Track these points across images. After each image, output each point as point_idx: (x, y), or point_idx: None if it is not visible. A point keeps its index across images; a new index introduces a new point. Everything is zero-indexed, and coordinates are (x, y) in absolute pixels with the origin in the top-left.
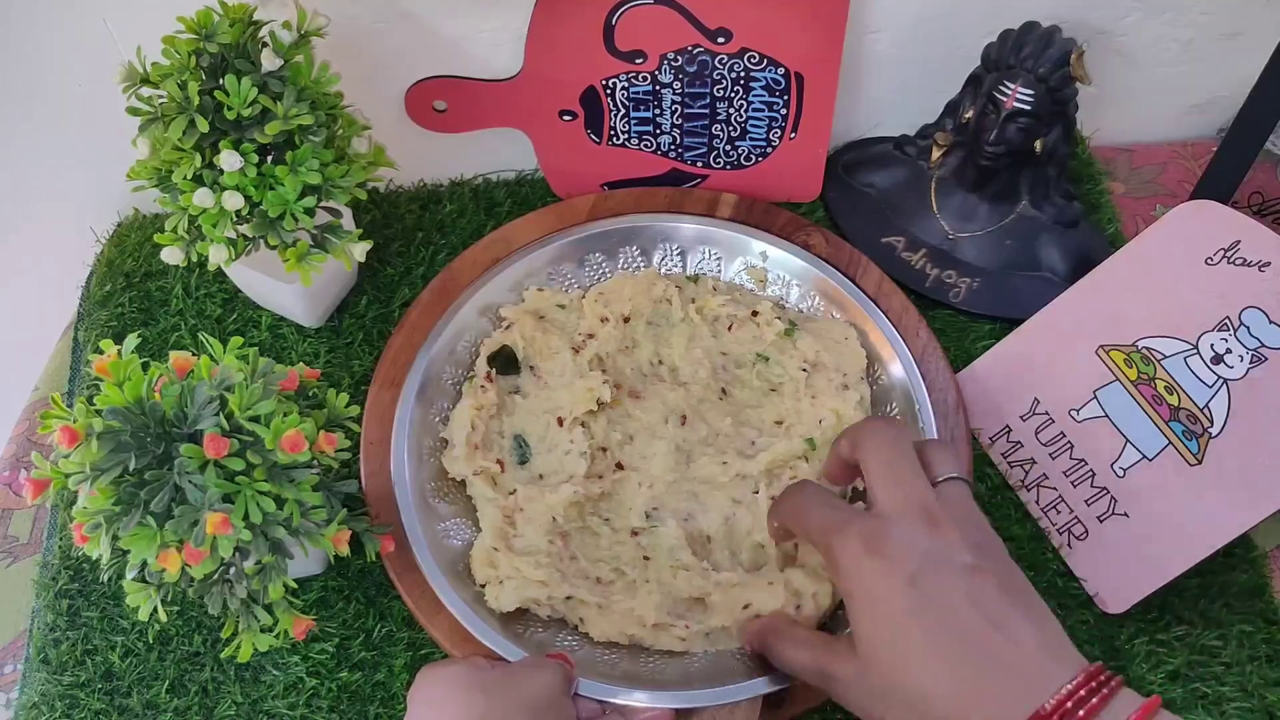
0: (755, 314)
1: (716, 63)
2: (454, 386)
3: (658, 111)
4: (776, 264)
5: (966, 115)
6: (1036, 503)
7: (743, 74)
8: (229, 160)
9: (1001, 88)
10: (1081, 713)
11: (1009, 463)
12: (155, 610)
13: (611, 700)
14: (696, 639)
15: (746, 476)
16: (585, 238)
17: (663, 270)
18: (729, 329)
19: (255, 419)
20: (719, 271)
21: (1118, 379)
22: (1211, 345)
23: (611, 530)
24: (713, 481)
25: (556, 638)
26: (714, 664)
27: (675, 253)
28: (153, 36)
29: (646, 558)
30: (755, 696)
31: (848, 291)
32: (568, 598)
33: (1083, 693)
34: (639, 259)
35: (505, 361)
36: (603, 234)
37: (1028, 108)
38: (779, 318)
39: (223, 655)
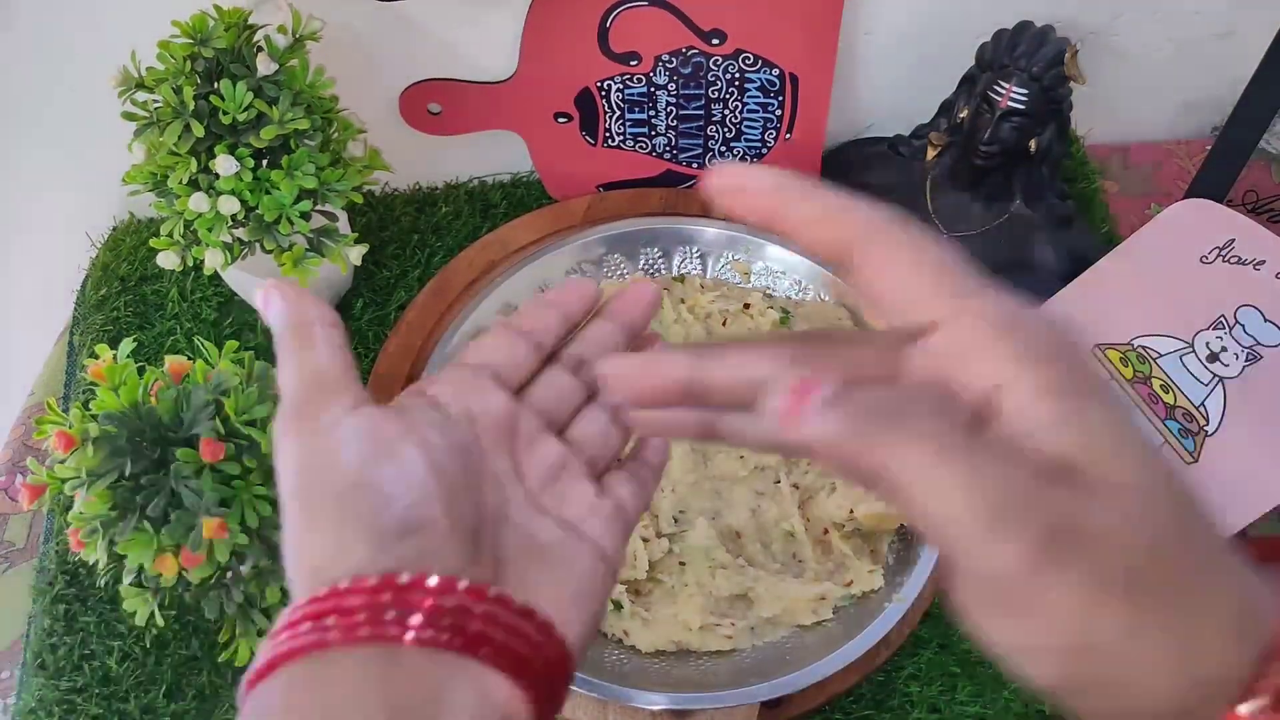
0: (747, 306)
1: (711, 64)
2: None
3: (653, 113)
4: (772, 258)
5: (961, 115)
6: None
7: (737, 75)
8: (225, 165)
9: (996, 87)
10: None
11: None
12: (152, 615)
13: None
14: (743, 635)
15: (765, 467)
16: (578, 246)
17: (650, 274)
18: (723, 324)
19: (251, 423)
20: (703, 269)
21: (1114, 378)
22: (1207, 344)
23: (641, 539)
24: (733, 477)
25: (602, 653)
26: (763, 658)
27: (657, 256)
28: (148, 41)
29: (682, 563)
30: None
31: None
32: (615, 607)
33: None
34: (623, 265)
35: None
36: (589, 243)
37: (1022, 107)
38: (771, 307)
39: (220, 659)
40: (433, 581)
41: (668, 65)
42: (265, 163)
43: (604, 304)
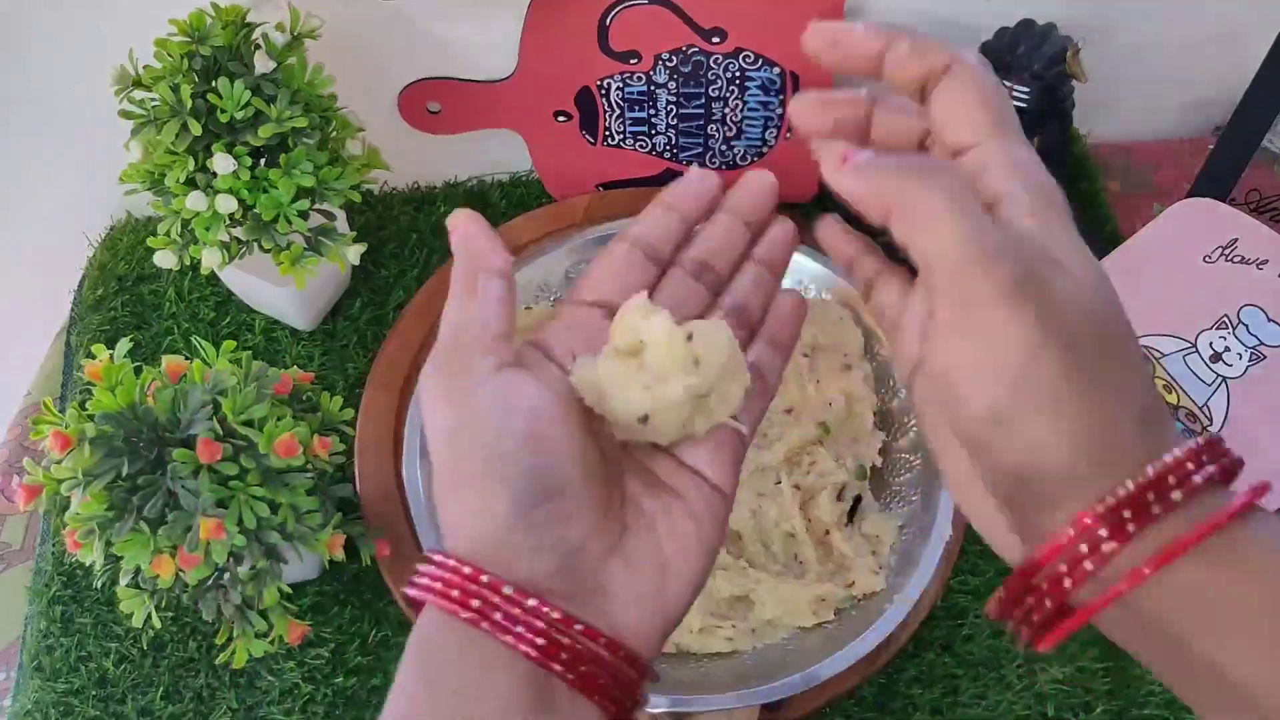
0: None
1: (711, 62)
2: None
3: (653, 112)
4: None
5: None
6: None
7: (738, 74)
8: (222, 163)
9: None
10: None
11: None
12: (149, 616)
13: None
14: (743, 636)
15: (766, 468)
16: (578, 245)
17: None
18: None
19: (249, 423)
20: None
21: None
22: (1210, 343)
23: None
24: None
25: None
26: (764, 660)
27: None
28: (145, 39)
29: None
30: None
31: (842, 277)
32: None
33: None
34: None
35: None
36: (589, 243)
37: (1024, 106)
38: None
39: (218, 661)
40: (531, 603)
41: (668, 64)
42: (264, 161)
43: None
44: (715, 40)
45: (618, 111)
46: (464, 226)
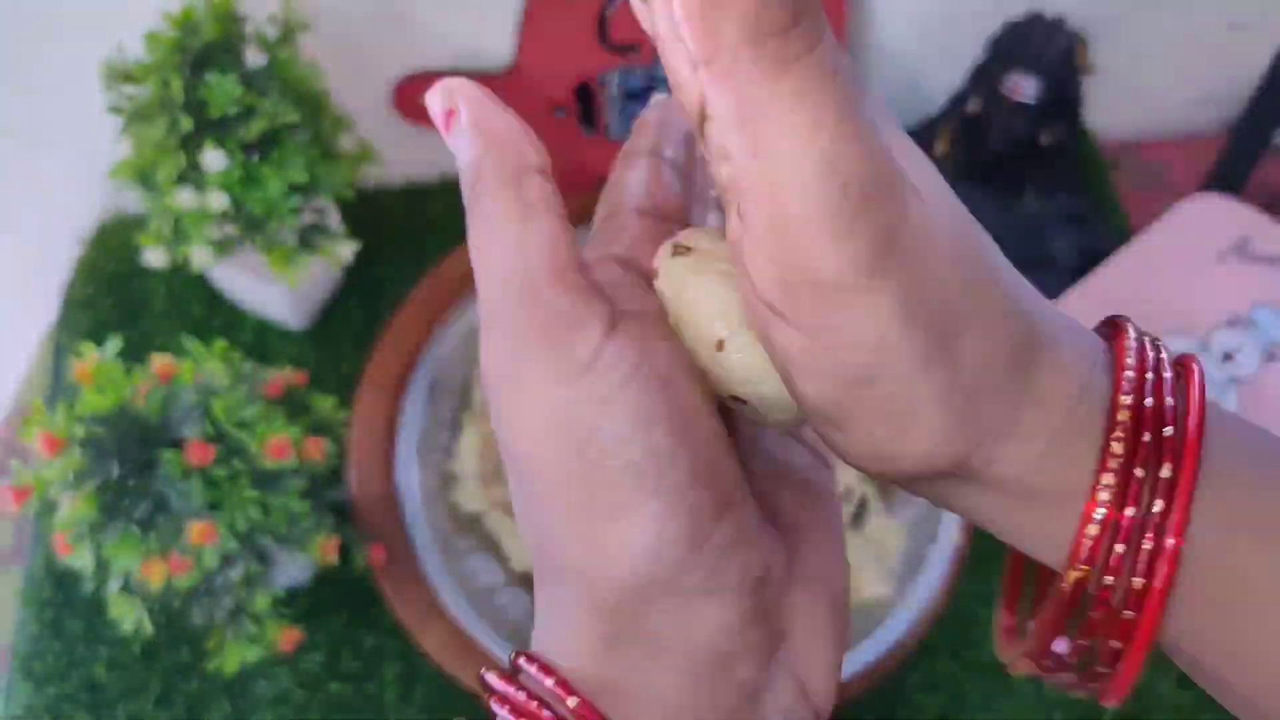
0: None
1: None
2: (452, 414)
3: None
4: None
5: (971, 108)
6: None
7: None
8: (213, 159)
9: (1006, 80)
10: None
11: None
12: (140, 622)
13: None
14: None
15: None
16: None
17: None
18: None
19: (240, 424)
20: None
21: None
22: (1222, 342)
23: None
24: None
25: None
26: None
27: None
28: (135, 32)
29: None
30: None
31: None
32: None
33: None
34: None
35: None
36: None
37: (1032, 100)
38: None
39: (210, 667)
40: None
41: None
42: (255, 157)
43: None
44: None
45: (618, 106)
46: (473, 111)
